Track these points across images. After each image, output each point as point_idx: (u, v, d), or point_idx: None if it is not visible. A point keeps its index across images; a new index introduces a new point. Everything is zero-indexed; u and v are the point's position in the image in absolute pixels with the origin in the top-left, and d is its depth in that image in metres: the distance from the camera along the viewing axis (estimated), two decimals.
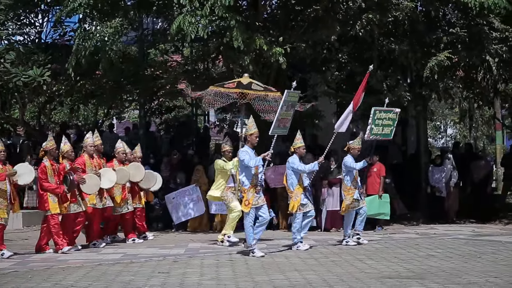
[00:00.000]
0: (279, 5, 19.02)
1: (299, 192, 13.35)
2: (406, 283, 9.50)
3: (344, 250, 13.53)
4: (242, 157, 12.59)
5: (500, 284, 9.41)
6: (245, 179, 12.67)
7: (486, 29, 17.77)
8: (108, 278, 10.27)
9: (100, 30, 16.85)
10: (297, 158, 13.38)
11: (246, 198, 12.56)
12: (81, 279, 10.21)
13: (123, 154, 15.31)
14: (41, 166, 13.22)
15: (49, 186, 13.07)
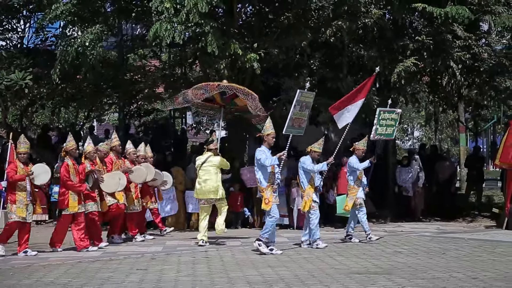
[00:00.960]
0: (253, 12, 19.03)
1: (311, 191, 13.19)
2: (374, 278, 9.54)
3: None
4: (259, 156, 12.37)
5: (463, 279, 9.48)
6: (262, 178, 12.45)
7: (450, 37, 17.92)
8: (88, 275, 10.21)
9: (81, 36, 16.81)
10: (309, 159, 13.22)
11: (266, 196, 12.37)
12: (62, 276, 10.13)
13: (133, 155, 15.12)
14: (64, 165, 13.00)
15: (72, 184, 12.88)
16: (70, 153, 13.16)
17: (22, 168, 12.47)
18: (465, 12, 17.05)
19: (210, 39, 15.60)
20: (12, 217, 12.40)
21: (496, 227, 17.54)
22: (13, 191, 12.42)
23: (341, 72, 18.25)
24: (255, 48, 17.00)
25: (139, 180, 14.72)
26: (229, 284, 9.27)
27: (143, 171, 14.86)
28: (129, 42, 21.24)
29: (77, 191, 12.93)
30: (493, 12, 18.12)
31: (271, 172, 12.42)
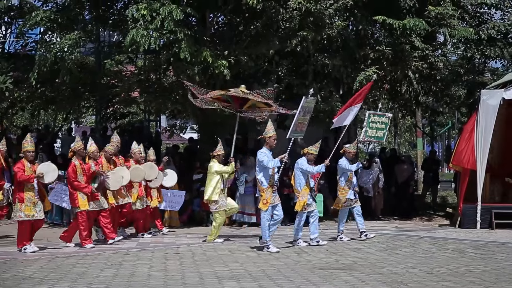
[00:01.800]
0: (224, 22, 19.04)
1: (306, 192, 13.01)
2: (336, 274, 9.56)
3: (281, 243, 13.53)
4: (261, 158, 12.16)
5: (418, 274, 9.54)
6: (264, 179, 12.24)
7: (408, 48, 18.06)
8: (64, 270, 10.11)
9: (60, 42, 16.70)
10: (306, 160, 13.06)
11: (265, 197, 12.20)
12: (39, 271, 10.03)
13: (139, 154, 14.97)
14: (71, 166, 12.78)
15: (78, 185, 12.67)
16: (78, 153, 12.96)
17: (29, 167, 12.22)
18: (422, 24, 17.24)
19: (183, 46, 15.59)
20: (21, 215, 12.12)
21: (450, 225, 17.70)
22: (21, 190, 12.15)
23: (306, 79, 18.31)
24: (226, 55, 17.00)
25: (137, 179, 14.48)
26: (199, 279, 9.23)
27: (141, 170, 14.66)
28: (106, 48, 21.14)
29: (82, 192, 12.72)
30: (449, 25, 18.30)
31: (272, 174, 12.28)
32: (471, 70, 22.30)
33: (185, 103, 19.00)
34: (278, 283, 8.79)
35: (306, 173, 13.01)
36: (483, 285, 8.61)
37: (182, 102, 19.15)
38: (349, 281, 8.94)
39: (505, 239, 14.35)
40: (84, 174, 12.83)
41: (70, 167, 12.83)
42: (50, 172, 12.61)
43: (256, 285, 8.64)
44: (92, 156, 13.35)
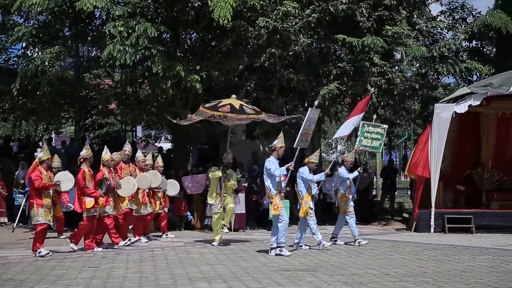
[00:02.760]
0: (197, 39, 19.04)
1: (308, 199, 12.79)
2: (301, 275, 9.57)
3: (250, 247, 13.53)
4: (269, 166, 11.93)
5: (377, 274, 9.59)
6: (271, 186, 12.00)
7: (368, 64, 18.23)
8: (44, 272, 9.99)
9: (42, 56, 16.59)
10: (307, 169, 12.90)
11: (275, 202, 11.91)
12: (19, 273, 9.89)
13: (143, 163, 14.77)
14: (81, 172, 12.54)
15: (87, 190, 12.46)
16: (88, 160, 12.78)
17: (45, 174, 12.02)
18: (380, 42, 17.42)
19: (156, 61, 15.58)
20: (39, 220, 11.86)
21: (406, 229, 17.81)
22: (40, 197, 11.91)
23: (273, 93, 18.39)
24: (198, 70, 17.03)
25: (144, 186, 14.30)
26: (172, 280, 9.19)
27: (148, 178, 14.49)
28: (85, 63, 21.05)
29: (90, 197, 12.51)
30: (404, 44, 18.51)
31: (279, 181, 12.03)
32: (425, 86, 22.52)
33: (159, 115, 18.98)
34: (247, 284, 8.78)
35: (307, 181, 12.85)
36: (436, 285, 8.69)
37: (156, 113, 19.13)
38: (312, 281, 8.95)
39: (457, 242, 14.52)
40: (93, 180, 12.66)
41: (79, 173, 12.58)
42: (67, 181, 12.44)
43: (225, 286, 8.63)
44: (106, 164, 13.11)
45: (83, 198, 12.49)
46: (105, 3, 15.89)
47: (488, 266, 10.65)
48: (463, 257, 11.87)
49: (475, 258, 11.71)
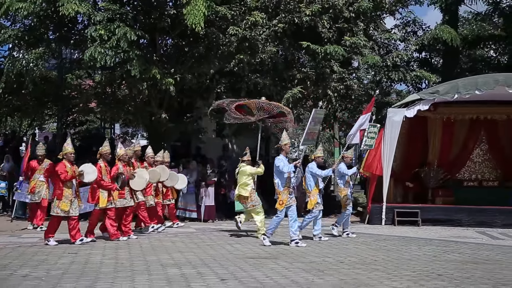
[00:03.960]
0: (172, 44, 18.96)
1: (316, 192, 12.68)
2: (264, 262, 9.61)
3: (218, 236, 13.51)
4: (278, 164, 11.71)
5: (333, 262, 9.68)
6: (280, 183, 11.79)
7: (328, 71, 18.31)
8: (26, 258, 9.87)
9: (26, 57, 16.41)
10: (315, 165, 12.76)
11: (281, 198, 11.72)
12: (3, 259, 9.76)
13: (152, 158, 14.58)
14: (98, 167, 12.30)
15: (104, 183, 12.24)
16: (104, 156, 12.56)
17: (70, 167, 11.78)
18: (340, 50, 17.53)
19: (134, 65, 15.50)
20: (57, 211, 11.64)
21: (360, 222, 17.95)
22: (61, 189, 11.68)
23: (241, 96, 18.38)
24: (172, 73, 16.95)
25: (154, 180, 14.13)
26: (145, 266, 9.15)
27: (157, 173, 14.33)
28: (68, 64, 20.80)
29: (108, 190, 12.34)
30: (361, 53, 18.67)
31: (288, 177, 11.82)
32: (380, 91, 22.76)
33: (136, 113, 18.86)
34: (214, 270, 8.79)
35: (316, 176, 12.73)
36: (386, 272, 8.79)
37: (133, 112, 19.00)
38: (274, 268, 8.99)
39: (405, 233, 14.71)
40: (108, 174, 12.46)
41: (96, 168, 12.36)
42: (91, 173, 12.17)
43: (195, 272, 8.62)
44: (121, 159, 12.88)
45: (98, 192, 12.30)
46: (87, 9, 15.79)
47: (432, 255, 10.81)
48: (410, 247, 12.03)
49: (421, 248, 11.88)
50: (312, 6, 17.62)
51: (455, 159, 19.55)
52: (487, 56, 29.73)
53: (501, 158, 19.54)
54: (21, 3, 15.59)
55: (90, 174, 12.16)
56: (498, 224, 16.59)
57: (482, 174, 19.56)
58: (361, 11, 19.06)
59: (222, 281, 7.87)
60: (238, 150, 22.45)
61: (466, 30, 29.47)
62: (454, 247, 12.11)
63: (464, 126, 19.37)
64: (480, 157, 19.50)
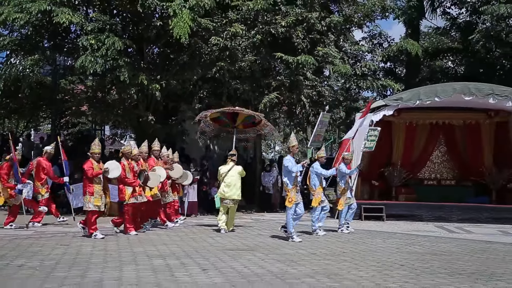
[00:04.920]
0: (158, 52, 18.90)
1: (320, 191, 12.44)
2: (242, 254, 9.59)
3: (200, 230, 13.48)
4: (286, 164, 11.36)
5: (305, 254, 9.68)
6: (288, 181, 11.42)
7: (301, 78, 18.39)
8: (21, 249, 9.75)
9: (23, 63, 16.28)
10: (319, 164, 12.49)
11: (290, 196, 11.39)
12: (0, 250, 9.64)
13: (167, 157, 14.21)
14: (121, 165, 12.08)
15: (128, 180, 12.04)
16: (126, 155, 12.37)
17: (96, 165, 11.66)
18: (312, 60, 17.61)
19: (123, 71, 15.42)
20: (90, 206, 11.50)
21: (330, 217, 17.90)
22: (91, 185, 11.57)
23: (222, 100, 18.39)
24: (158, 79, 16.90)
25: (176, 175, 13.97)
26: (132, 257, 9.09)
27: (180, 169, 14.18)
28: (61, 71, 20.68)
29: (132, 186, 12.15)
30: (332, 63, 18.77)
31: (295, 177, 11.46)
32: (349, 98, 22.93)
33: (124, 116, 18.76)
34: (196, 260, 8.76)
35: (320, 175, 12.50)
36: (353, 262, 8.83)
37: (122, 115, 18.89)
38: (251, 259, 8.98)
39: (371, 227, 14.78)
40: (131, 171, 12.27)
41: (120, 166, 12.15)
42: (115, 169, 11.96)
43: (178, 262, 8.58)
44: (134, 158, 12.58)
45: (124, 189, 12.14)
46: (79, 19, 15.70)
47: (395, 247, 10.88)
48: (376, 240, 12.09)
49: (385, 241, 11.94)
50: (287, 18, 17.70)
51: (416, 160, 19.74)
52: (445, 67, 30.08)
53: (458, 160, 19.78)
54: (18, 13, 15.45)
55: (115, 170, 11.97)
56: (455, 219, 16.78)
57: (440, 174, 19.79)
58: (332, 25, 19.21)
59: (204, 271, 7.84)
60: (219, 151, 22.45)
61: (426, 43, 29.83)
62: (415, 240, 12.20)
63: (424, 130, 19.58)
64: (439, 158, 19.73)
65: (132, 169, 12.36)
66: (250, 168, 21.93)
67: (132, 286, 6.80)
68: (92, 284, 6.88)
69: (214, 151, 21.81)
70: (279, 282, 7.12)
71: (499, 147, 19.32)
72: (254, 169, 20.85)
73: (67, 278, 7.20)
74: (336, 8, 20.76)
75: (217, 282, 7.10)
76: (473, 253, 10.27)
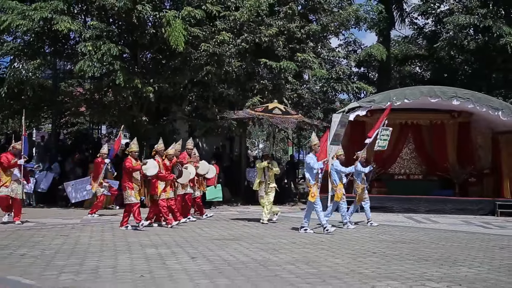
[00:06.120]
0: (151, 58, 18.79)
1: (341, 187, 12.25)
2: (228, 243, 9.58)
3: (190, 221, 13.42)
4: (309, 161, 11.24)
5: (286, 243, 9.69)
6: (310, 178, 11.20)
7: (283, 82, 18.38)
8: (23, 239, 9.65)
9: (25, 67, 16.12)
10: (339, 162, 12.35)
11: (312, 191, 11.12)
12: (3, 240, 9.53)
13: (194, 155, 13.87)
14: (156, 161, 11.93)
15: (162, 175, 11.89)
16: (159, 152, 12.20)
17: (135, 163, 11.55)
18: (293, 66, 17.61)
19: (119, 75, 15.31)
20: (132, 200, 11.37)
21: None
22: (130, 180, 11.43)
23: (209, 103, 18.35)
24: (151, 83, 16.79)
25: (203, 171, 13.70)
26: (127, 246, 9.03)
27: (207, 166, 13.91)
28: (61, 74, 20.50)
29: (166, 180, 11.99)
30: (311, 68, 18.78)
31: (316, 173, 11.28)
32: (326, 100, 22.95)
33: (119, 117, 18.62)
34: (186, 249, 8.73)
35: (340, 172, 12.36)
36: (330, 250, 8.86)
37: (117, 115, 18.76)
38: (237, 248, 8.98)
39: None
40: (164, 167, 12.09)
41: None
42: (152, 168, 11.78)
43: (169, 251, 8.54)
44: (169, 158, 12.31)
45: (157, 184, 11.96)
46: (78, 27, 15.57)
47: (368, 236, 10.93)
48: (351, 230, 12.12)
49: (359, 231, 12.00)
50: (270, 29, 17.70)
51: (387, 157, 19.78)
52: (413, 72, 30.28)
53: (425, 156, 19.90)
54: (21, 21, 15.31)
55: (151, 169, 11.81)
56: (422, 211, 16.88)
57: (409, 169, 19.89)
58: (311, 33, 19.23)
59: (193, 259, 7.81)
60: (208, 148, 22.38)
61: (396, 50, 30.00)
62: (386, 230, 12.27)
63: (395, 129, 19.51)
64: (408, 155, 19.82)
65: (164, 165, 12.19)
66: (236, 164, 21.94)
67: (126, 273, 6.74)
68: (89, 271, 6.82)
69: (202, 148, 21.72)
70: (262, 269, 7.11)
71: (462, 145, 19.48)
72: (240, 165, 20.82)
73: (66, 266, 7.13)
74: (314, 17, 20.76)
75: (205, 269, 7.07)
76: (439, 241, 10.35)
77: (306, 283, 6.30)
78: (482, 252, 8.92)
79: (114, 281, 6.30)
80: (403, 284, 6.29)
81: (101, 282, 6.24)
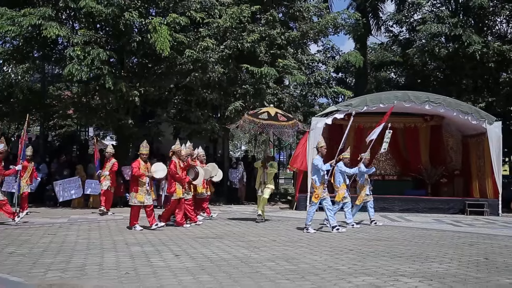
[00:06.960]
0: (137, 62, 18.69)
1: (344, 188, 12.17)
2: (211, 241, 9.56)
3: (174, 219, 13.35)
4: (316, 163, 11.07)
5: (267, 241, 9.69)
6: (317, 179, 11.11)
7: (264, 87, 18.40)
8: (12, 238, 9.52)
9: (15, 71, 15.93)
10: (343, 164, 12.22)
11: (317, 192, 11.07)
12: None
13: (203, 157, 13.67)
14: (172, 163, 11.66)
15: (179, 176, 11.68)
16: (177, 153, 11.95)
17: (143, 165, 11.30)
18: (273, 71, 17.66)
19: (107, 79, 15.20)
20: (135, 201, 11.17)
21: (289, 208, 18.13)
22: (136, 182, 11.21)
23: (192, 106, 18.31)
24: (137, 87, 16.70)
25: (206, 176, 13.28)
26: (113, 244, 8.97)
27: (209, 170, 13.63)
28: (50, 78, 20.29)
29: (182, 182, 11.80)
30: (291, 73, 18.84)
31: (323, 175, 11.16)
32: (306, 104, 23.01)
33: (106, 119, 18.48)
34: (170, 247, 8.69)
35: (344, 173, 12.23)
36: (309, 248, 8.89)
37: (104, 118, 18.60)
38: (219, 246, 8.96)
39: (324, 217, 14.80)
40: (181, 169, 11.91)
41: (171, 164, 11.76)
42: (161, 171, 11.63)
43: (153, 249, 8.50)
44: (182, 159, 12.05)
45: (174, 184, 11.79)
46: (66, 32, 15.43)
47: (345, 234, 11.00)
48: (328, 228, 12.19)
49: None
50: (252, 35, 17.72)
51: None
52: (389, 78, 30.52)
53: (399, 158, 20.09)
54: (10, 26, 15.13)
55: (160, 172, 11.66)
56: (396, 210, 17.04)
57: (384, 170, 20.06)
58: (291, 39, 19.30)
59: (176, 257, 7.78)
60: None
61: (372, 57, 30.23)
62: (362, 228, 12.34)
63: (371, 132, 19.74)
64: (383, 157, 19.97)
65: (180, 167, 12.05)
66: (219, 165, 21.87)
67: (111, 270, 6.70)
68: (76, 269, 6.76)
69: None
70: (244, 266, 7.12)
71: (434, 147, 19.72)
72: (223, 166, 20.78)
73: (53, 264, 7.06)
74: (294, 25, 20.87)
75: (189, 266, 7.05)
76: (412, 238, 10.45)
77: (285, 279, 6.32)
78: (452, 249, 9.03)
79: (100, 278, 6.26)
80: (378, 280, 6.34)
81: (87, 279, 6.20)
